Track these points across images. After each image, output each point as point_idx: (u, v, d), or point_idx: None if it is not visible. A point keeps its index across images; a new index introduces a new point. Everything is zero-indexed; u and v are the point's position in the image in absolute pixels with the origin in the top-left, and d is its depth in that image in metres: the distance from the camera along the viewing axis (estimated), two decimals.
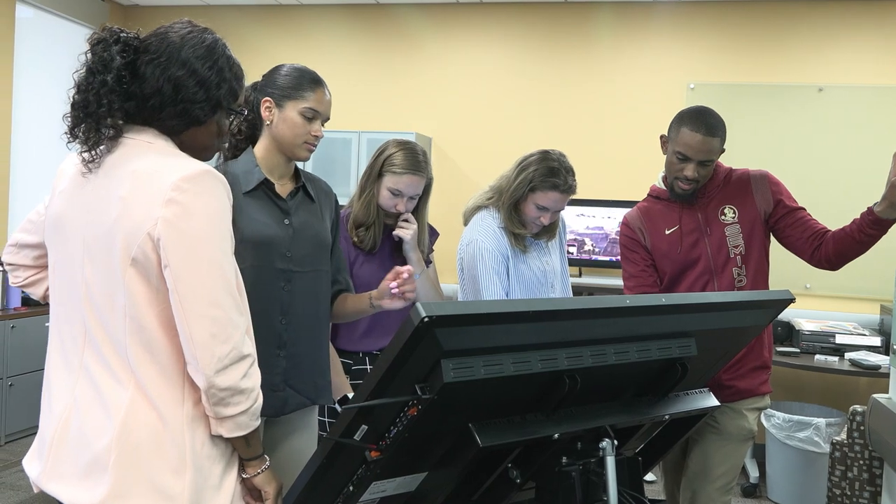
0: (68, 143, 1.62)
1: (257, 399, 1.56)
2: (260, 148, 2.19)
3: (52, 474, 1.57)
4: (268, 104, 2.15)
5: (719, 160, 2.65)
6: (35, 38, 5.69)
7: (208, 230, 1.50)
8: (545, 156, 2.67)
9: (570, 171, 2.66)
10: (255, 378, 1.55)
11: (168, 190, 1.48)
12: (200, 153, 1.65)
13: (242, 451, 1.61)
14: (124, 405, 1.50)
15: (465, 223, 2.82)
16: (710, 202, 2.62)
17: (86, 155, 1.57)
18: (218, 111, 1.65)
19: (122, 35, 1.59)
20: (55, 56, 5.88)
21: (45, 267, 1.79)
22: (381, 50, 6.07)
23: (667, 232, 2.64)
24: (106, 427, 1.50)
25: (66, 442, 1.56)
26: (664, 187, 2.66)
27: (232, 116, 1.72)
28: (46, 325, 5.43)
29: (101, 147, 1.56)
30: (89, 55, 1.58)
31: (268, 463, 1.65)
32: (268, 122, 2.16)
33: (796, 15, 5.39)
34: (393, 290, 2.14)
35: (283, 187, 2.20)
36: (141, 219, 1.49)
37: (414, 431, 1.45)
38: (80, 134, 1.57)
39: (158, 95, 1.58)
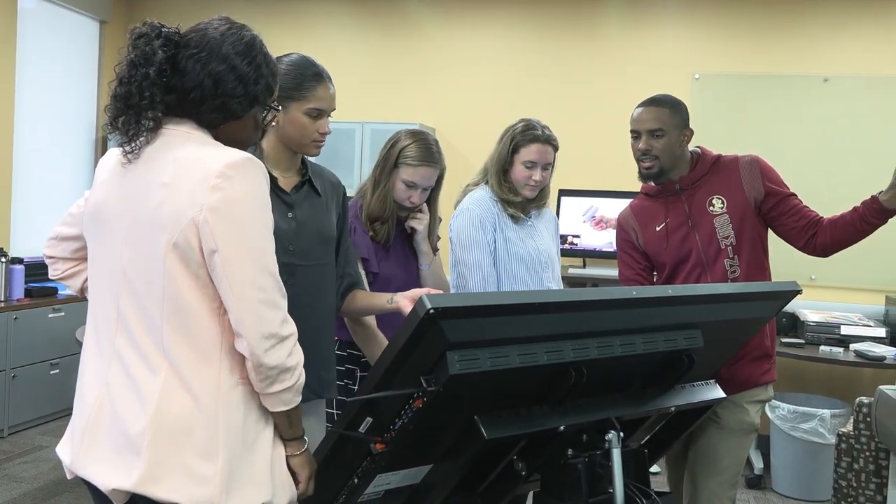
0: (108, 133, 1.64)
1: (300, 376, 1.61)
2: (266, 143, 2.16)
3: (86, 459, 1.60)
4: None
5: (706, 148, 2.65)
6: (37, 28, 5.67)
7: (253, 215, 1.55)
8: (521, 120, 2.78)
9: (546, 127, 2.77)
10: (298, 356, 1.60)
11: (213, 177, 1.52)
12: (236, 146, 1.68)
13: (284, 430, 1.65)
14: (157, 391, 1.53)
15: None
16: (696, 192, 2.60)
17: (126, 146, 1.61)
18: (255, 106, 1.69)
19: (163, 30, 1.63)
20: (58, 46, 5.87)
21: (83, 259, 1.82)
22: (385, 40, 6.04)
23: (657, 229, 2.64)
24: (139, 413, 1.53)
25: (99, 427, 1.59)
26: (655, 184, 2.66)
27: (266, 111, 1.75)
28: (49, 316, 5.44)
29: (141, 138, 1.60)
30: (131, 49, 1.62)
31: (306, 446, 1.69)
32: (273, 124, 2.10)
33: (801, 5, 5.35)
34: None
35: (288, 181, 2.17)
36: (185, 205, 1.52)
37: (419, 424, 1.44)
38: (121, 125, 1.61)
39: (199, 89, 1.61)
